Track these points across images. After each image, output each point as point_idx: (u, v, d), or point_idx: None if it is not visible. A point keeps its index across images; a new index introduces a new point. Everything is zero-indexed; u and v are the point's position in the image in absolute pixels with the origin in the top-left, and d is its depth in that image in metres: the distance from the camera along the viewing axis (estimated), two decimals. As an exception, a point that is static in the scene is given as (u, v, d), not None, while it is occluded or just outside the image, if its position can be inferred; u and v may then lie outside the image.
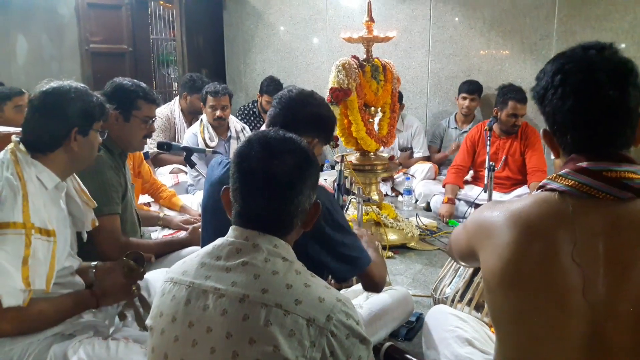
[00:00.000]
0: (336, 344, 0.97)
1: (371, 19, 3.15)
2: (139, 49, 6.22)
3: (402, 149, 4.66)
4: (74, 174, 1.76)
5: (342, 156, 2.79)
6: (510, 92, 3.64)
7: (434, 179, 4.37)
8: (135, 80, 2.20)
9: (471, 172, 4.05)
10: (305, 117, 1.64)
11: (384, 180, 4.42)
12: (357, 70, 3.02)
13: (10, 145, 1.53)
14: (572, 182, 1.04)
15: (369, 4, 3.19)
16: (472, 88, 4.39)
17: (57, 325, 1.56)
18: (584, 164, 1.05)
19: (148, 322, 1.10)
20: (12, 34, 6.30)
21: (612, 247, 1.01)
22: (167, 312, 1.05)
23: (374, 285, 1.67)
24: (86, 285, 1.75)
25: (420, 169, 4.39)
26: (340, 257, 1.53)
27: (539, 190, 1.11)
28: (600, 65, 1.04)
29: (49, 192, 1.55)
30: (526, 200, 1.11)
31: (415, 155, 4.64)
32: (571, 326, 1.01)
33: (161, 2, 6.45)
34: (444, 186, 3.94)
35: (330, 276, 2.10)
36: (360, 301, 1.97)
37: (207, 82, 4.20)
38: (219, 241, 1.09)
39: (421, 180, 4.29)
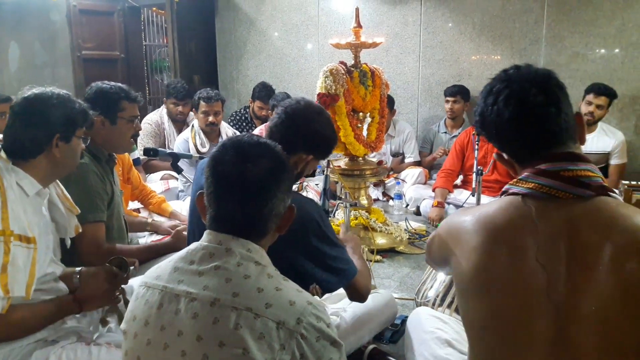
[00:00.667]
0: (306, 347, 0.99)
1: (359, 25, 3.18)
2: (132, 55, 6.25)
3: (394, 154, 4.68)
4: (57, 181, 1.76)
5: (329, 161, 2.80)
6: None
7: (425, 183, 4.40)
8: (113, 83, 2.21)
9: (460, 176, 4.08)
10: (307, 134, 1.64)
11: (376, 185, 4.44)
12: (344, 76, 3.04)
13: None
14: (532, 184, 1.08)
15: (357, 10, 3.22)
16: (453, 90, 4.42)
17: (39, 331, 1.56)
18: (542, 166, 1.09)
19: (122, 326, 1.11)
20: (5, 41, 6.33)
21: (573, 247, 1.04)
22: (140, 316, 1.06)
23: (359, 295, 1.67)
24: (70, 291, 1.75)
25: (411, 174, 4.41)
26: (327, 269, 1.54)
27: (503, 195, 1.15)
28: (521, 77, 1.14)
29: (30, 199, 1.55)
30: (492, 204, 1.15)
31: (407, 161, 4.67)
32: (537, 327, 1.04)
33: (154, 8, 6.49)
34: (433, 190, 3.96)
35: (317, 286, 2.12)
36: (344, 304, 1.99)
37: (180, 87, 4.24)
38: (192, 245, 1.11)
39: (412, 185, 4.31)
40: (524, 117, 1.11)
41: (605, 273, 1.01)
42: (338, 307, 1.97)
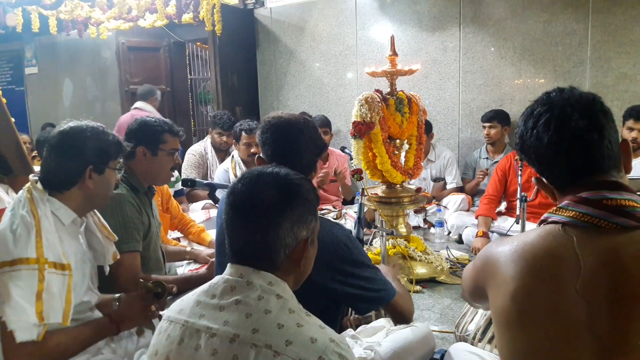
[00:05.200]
0: None
1: (394, 53, 3.17)
2: (177, 89, 6.49)
3: (435, 180, 4.60)
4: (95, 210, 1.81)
5: (363, 189, 2.78)
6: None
7: (467, 210, 4.28)
8: (157, 117, 2.29)
9: (504, 203, 3.95)
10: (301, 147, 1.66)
11: (416, 212, 4.35)
12: (380, 104, 3.03)
13: (28, 185, 1.60)
14: (573, 212, 1.03)
15: (392, 38, 3.23)
16: (489, 115, 4.33)
17: (77, 355, 1.58)
18: (583, 194, 1.04)
19: (145, 360, 1.11)
20: (60, 78, 6.71)
21: (616, 279, 0.98)
22: (162, 351, 1.05)
23: (402, 317, 1.66)
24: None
25: (453, 200, 4.31)
26: (362, 291, 1.52)
27: (542, 224, 1.09)
28: (564, 100, 1.09)
29: (66, 228, 1.60)
30: (530, 233, 1.10)
31: (449, 187, 4.57)
32: None
33: (198, 43, 6.73)
34: (476, 217, 3.85)
35: (352, 310, 2.08)
36: (379, 338, 1.92)
37: (226, 118, 4.35)
38: (215, 279, 1.10)
39: (454, 212, 4.21)
40: (563, 143, 1.07)
41: None
42: (372, 341, 1.91)
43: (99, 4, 4.81)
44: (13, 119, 2.39)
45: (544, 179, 1.16)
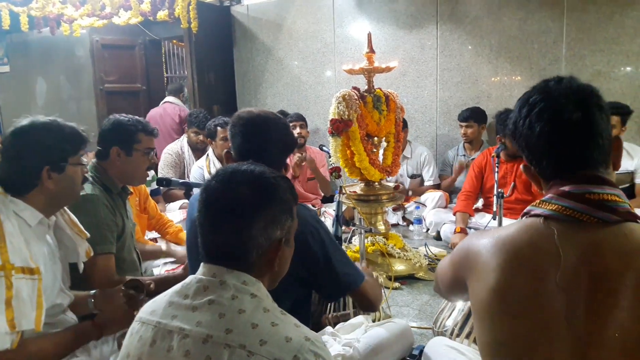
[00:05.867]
0: None
1: (372, 50, 3.17)
2: (153, 87, 6.39)
3: (412, 176, 4.62)
4: (65, 208, 1.75)
5: (341, 187, 2.77)
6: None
7: (445, 207, 4.31)
8: (131, 115, 2.23)
9: (481, 200, 3.99)
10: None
11: (395, 209, 4.37)
12: (357, 101, 3.02)
13: None
14: (556, 206, 1.04)
15: (369, 35, 3.22)
16: (465, 115, 4.37)
17: None
18: (566, 188, 1.04)
19: (117, 363, 1.08)
20: (32, 77, 6.55)
21: (595, 272, 0.99)
22: (134, 353, 1.02)
23: (369, 303, 1.65)
24: (84, 316, 1.73)
25: (431, 198, 4.33)
26: (332, 275, 1.52)
27: (524, 217, 1.10)
28: (560, 91, 1.07)
29: (32, 229, 1.54)
30: (511, 226, 1.11)
31: (426, 184, 4.60)
32: (555, 352, 0.98)
33: (174, 41, 6.65)
34: (454, 214, 3.88)
35: (327, 302, 2.08)
36: (358, 335, 1.92)
37: (202, 117, 4.34)
38: (188, 279, 1.08)
39: (432, 209, 4.24)
40: (554, 135, 1.06)
41: (627, 300, 0.96)
42: (351, 337, 1.91)
43: (71, 0, 4.71)
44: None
45: (532, 168, 1.15)
